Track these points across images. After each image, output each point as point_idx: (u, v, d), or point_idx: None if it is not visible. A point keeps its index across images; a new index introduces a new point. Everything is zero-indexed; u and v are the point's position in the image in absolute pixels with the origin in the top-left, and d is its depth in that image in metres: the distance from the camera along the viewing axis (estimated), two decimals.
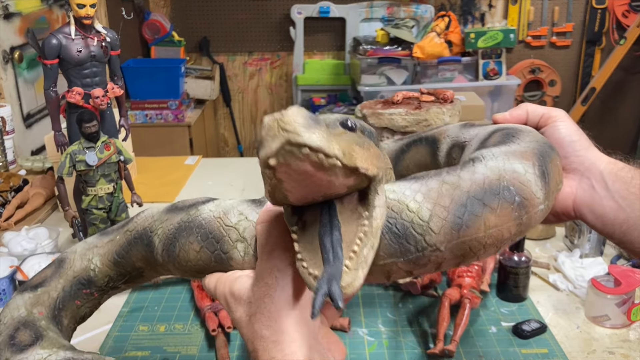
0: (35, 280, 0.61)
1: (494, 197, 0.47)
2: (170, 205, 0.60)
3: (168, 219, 0.58)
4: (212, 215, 0.55)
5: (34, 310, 0.57)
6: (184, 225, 0.56)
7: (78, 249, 0.63)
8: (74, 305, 0.61)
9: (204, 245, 0.54)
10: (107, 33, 1.18)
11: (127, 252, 0.60)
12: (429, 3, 3.26)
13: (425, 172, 0.51)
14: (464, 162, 0.51)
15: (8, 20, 1.91)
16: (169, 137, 2.89)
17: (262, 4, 3.36)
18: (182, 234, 0.55)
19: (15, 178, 1.51)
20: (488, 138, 0.57)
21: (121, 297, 1.07)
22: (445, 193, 0.47)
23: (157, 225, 0.58)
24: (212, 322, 0.92)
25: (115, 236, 0.62)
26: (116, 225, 0.64)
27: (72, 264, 0.62)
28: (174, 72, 2.96)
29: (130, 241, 0.60)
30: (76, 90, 1.15)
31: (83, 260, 0.62)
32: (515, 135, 0.54)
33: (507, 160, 0.49)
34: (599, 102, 3.28)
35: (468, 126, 0.65)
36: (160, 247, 0.57)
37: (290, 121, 0.36)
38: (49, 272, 0.62)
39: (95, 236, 0.64)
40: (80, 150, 1.06)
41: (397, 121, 1.21)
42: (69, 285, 0.61)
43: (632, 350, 0.93)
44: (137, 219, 0.61)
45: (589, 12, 3.32)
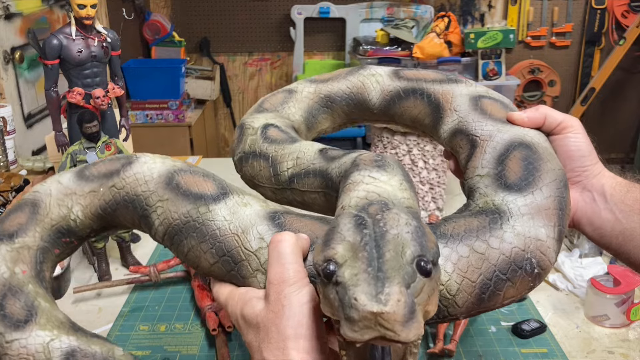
0: (9, 227, 0.55)
1: (516, 272, 0.48)
2: (167, 174, 0.55)
3: (170, 201, 0.54)
4: (228, 227, 0.51)
5: (16, 268, 0.53)
6: (192, 225, 0.52)
7: (52, 190, 0.57)
8: (53, 254, 0.58)
9: (219, 260, 0.51)
10: (107, 33, 1.19)
11: (114, 211, 0.57)
12: (429, 3, 3.26)
13: (453, 226, 0.50)
14: (489, 215, 0.50)
15: (9, 20, 1.91)
16: (170, 137, 2.89)
17: (262, 4, 3.37)
18: (192, 235, 0.52)
19: (16, 178, 1.51)
20: (506, 159, 0.55)
21: (121, 297, 1.07)
22: (474, 264, 0.47)
23: (154, 200, 0.54)
24: (212, 322, 0.93)
25: (99, 188, 0.57)
26: (95, 169, 0.58)
27: (48, 210, 0.56)
28: (174, 73, 2.96)
29: (119, 201, 0.56)
30: (77, 90, 1.15)
31: (61, 207, 0.57)
32: (537, 170, 0.53)
33: (533, 224, 0.50)
34: (598, 102, 3.28)
35: (479, 109, 0.61)
36: (162, 231, 0.54)
37: (391, 320, 0.36)
38: (23, 217, 0.56)
39: (70, 177, 0.58)
40: (81, 150, 1.07)
41: None
42: (47, 235, 0.56)
43: (632, 350, 0.94)
44: (124, 174, 0.56)
45: (589, 12, 3.33)
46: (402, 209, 0.43)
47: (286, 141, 0.62)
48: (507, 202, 0.51)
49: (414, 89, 0.68)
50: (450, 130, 0.63)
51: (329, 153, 0.58)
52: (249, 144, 0.65)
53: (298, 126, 0.70)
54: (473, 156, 0.58)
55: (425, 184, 1.23)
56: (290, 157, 0.60)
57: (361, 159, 0.51)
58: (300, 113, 0.71)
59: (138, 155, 0.58)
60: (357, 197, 0.46)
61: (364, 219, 0.42)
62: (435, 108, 0.66)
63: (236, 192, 0.55)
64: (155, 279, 1.06)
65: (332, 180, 0.56)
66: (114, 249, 1.19)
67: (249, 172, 0.64)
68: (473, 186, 0.56)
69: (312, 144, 0.61)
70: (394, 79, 0.70)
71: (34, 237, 0.55)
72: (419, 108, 0.68)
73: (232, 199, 0.53)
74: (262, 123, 0.66)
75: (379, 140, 1.26)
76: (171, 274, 1.09)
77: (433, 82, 0.67)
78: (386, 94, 0.70)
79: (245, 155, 0.65)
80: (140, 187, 0.55)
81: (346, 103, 0.72)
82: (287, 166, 0.60)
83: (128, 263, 1.16)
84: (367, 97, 0.71)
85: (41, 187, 0.58)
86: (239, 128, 0.69)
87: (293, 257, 0.46)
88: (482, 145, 0.58)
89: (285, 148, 0.61)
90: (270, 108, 0.70)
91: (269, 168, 0.62)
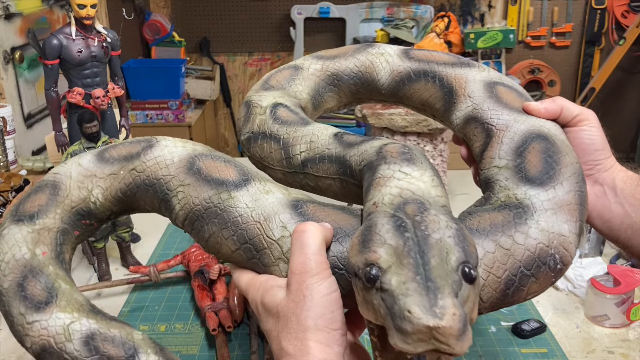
0: (29, 208, 0.56)
1: (540, 268, 0.48)
2: (188, 158, 0.55)
3: (191, 186, 0.53)
4: (250, 215, 0.51)
5: (36, 250, 0.53)
6: (214, 211, 0.52)
7: (73, 172, 0.57)
8: (73, 236, 0.57)
9: (240, 248, 0.51)
10: (107, 33, 1.19)
11: (134, 194, 0.56)
12: (429, 3, 3.26)
13: (478, 220, 0.49)
14: (513, 209, 0.50)
15: (9, 20, 1.91)
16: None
17: (262, 5, 3.37)
18: (213, 221, 0.52)
19: (16, 178, 1.51)
20: (525, 151, 0.54)
21: (122, 297, 1.07)
22: (500, 260, 0.47)
23: (174, 184, 0.54)
24: (212, 322, 0.93)
25: (119, 171, 0.56)
26: (115, 151, 0.58)
27: (68, 192, 0.56)
28: (174, 73, 2.96)
29: (139, 185, 0.56)
30: (77, 90, 1.15)
31: (81, 189, 0.56)
32: (557, 163, 0.53)
33: (556, 219, 0.50)
34: (598, 102, 3.28)
35: (494, 97, 0.60)
36: (182, 216, 0.54)
37: (447, 334, 0.35)
38: (44, 198, 0.56)
39: (90, 159, 0.58)
40: (81, 150, 1.07)
41: (397, 121, 1.21)
42: (67, 216, 0.56)
43: (632, 350, 0.94)
44: (145, 157, 0.56)
45: (589, 12, 3.33)
46: (439, 210, 0.43)
47: (297, 123, 0.61)
48: (530, 196, 0.51)
49: (425, 71, 0.66)
50: (464, 117, 0.61)
51: (344, 138, 0.57)
52: (258, 123, 0.63)
53: (305, 105, 0.68)
54: (489, 146, 0.57)
55: None
56: (303, 140, 0.59)
57: (387, 151, 0.50)
58: (307, 91, 0.69)
59: (158, 139, 0.59)
60: (391, 194, 0.45)
61: (403, 221, 0.41)
62: (448, 92, 0.64)
63: (258, 179, 0.54)
64: (155, 279, 1.06)
65: (350, 168, 0.54)
66: (114, 249, 1.19)
67: (258, 153, 0.63)
68: (491, 177, 0.55)
69: (326, 127, 0.60)
70: (404, 59, 0.68)
71: (54, 219, 0.55)
72: (430, 91, 0.66)
73: (254, 185, 0.53)
74: (271, 102, 0.64)
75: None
76: (171, 274, 1.09)
77: (445, 64, 0.65)
78: (396, 75, 0.68)
79: (254, 136, 0.63)
80: (161, 170, 0.55)
81: (353, 82, 0.70)
82: (300, 149, 0.59)
83: (128, 263, 1.16)
84: (376, 77, 0.69)
85: (61, 169, 0.58)
86: (245, 106, 0.66)
87: (316, 248, 0.46)
88: (498, 135, 0.57)
89: (298, 130, 0.60)
90: (276, 85, 0.68)
91: (280, 150, 0.60)
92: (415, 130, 1.20)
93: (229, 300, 0.97)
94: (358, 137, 0.57)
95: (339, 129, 0.60)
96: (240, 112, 0.67)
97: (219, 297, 0.98)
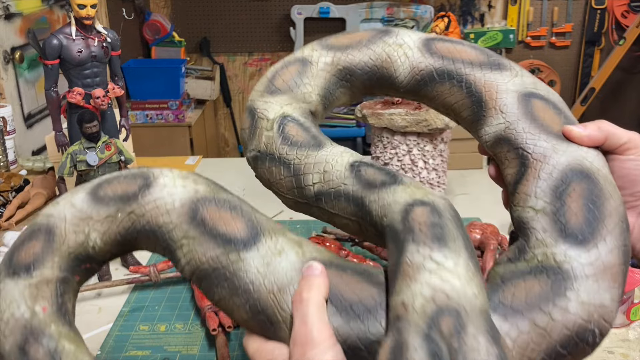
0: (24, 258, 0.51)
1: (577, 345, 0.45)
2: (190, 205, 0.51)
3: (196, 240, 0.49)
4: (263, 283, 0.47)
5: (36, 307, 0.49)
6: (222, 273, 0.48)
7: (67, 215, 0.53)
8: (74, 282, 0.54)
9: (252, 317, 0.47)
10: (107, 33, 1.19)
11: (135, 239, 0.53)
12: (429, 3, 3.27)
13: (512, 289, 0.46)
14: (551, 276, 0.46)
15: (9, 20, 1.91)
16: (170, 137, 2.89)
17: (262, 5, 3.37)
18: (222, 285, 0.48)
19: (16, 178, 1.51)
20: (565, 193, 0.49)
21: (122, 297, 1.07)
22: (535, 341, 0.44)
23: (178, 235, 0.50)
24: (212, 322, 0.93)
25: (116, 213, 0.52)
26: (109, 188, 0.53)
27: (64, 238, 0.52)
28: (174, 73, 2.96)
29: (139, 230, 0.52)
30: (77, 90, 1.15)
31: (78, 234, 0.52)
32: (600, 212, 0.48)
33: (598, 287, 0.46)
34: (598, 102, 3.28)
35: (530, 115, 0.54)
36: (188, 271, 0.50)
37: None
38: (38, 246, 0.52)
39: (84, 198, 0.53)
40: (81, 151, 1.07)
41: (397, 121, 1.21)
42: (66, 263, 0.52)
43: (632, 350, 0.94)
44: (143, 200, 0.52)
45: (588, 12, 3.33)
46: (478, 324, 0.40)
47: (309, 145, 0.55)
48: (570, 258, 0.46)
49: (451, 72, 0.58)
50: (495, 136, 0.55)
51: (362, 173, 0.52)
52: (265, 141, 0.57)
53: (315, 108, 0.62)
54: (524, 179, 0.51)
55: (425, 184, 1.23)
56: (316, 169, 0.54)
57: (415, 221, 0.45)
58: (317, 91, 0.62)
59: (155, 174, 0.54)
60: (423, 297, 0.41)
61: (438, 346, 0.38)
62: (477, 102, 0.57)
63: (268, 233, 0.50)
64: (155, 279, 1.06)
65: (370, 216, 0.50)
66: None
67: (266, 176, 0.58)
68: (527, 222, 0.50)
69: (341, 152, 0.55)
70: (426, 53, 0.60)
71: (52, 268, 0.51)
72: (455, 97, 0.59)
73: (265, 244, 0.49)
74: (278, 113, 0.58)
75: (379, 140, 1.26)
76: (171, 274, 1.09)
77: (472, 65, 0.58)
78: (416, 73, 0.60)
79: (261, 156, 0.57)
80: (162, 217, 0.51)
81: (368, 77, 0.62)
82: (313, 180, 0.54)
83: (128, 263, 1.16)
84: (393, 74, 0.61)
85: (54, 210, 0.54)
86: (249, 115, 0.60)
87: (317, 316, 0.44)
88: (534, 166, 0.51)
89: (309, 156, 0.54)
90: (283, 87, 0.61)
91: (291, 179, 0.55)
92: (415, 130, 1.20)
93: None
94: (377, 171, 0.51)
95: (355, 156, 0.54)
96: (244, 122, 0.62)
97: None
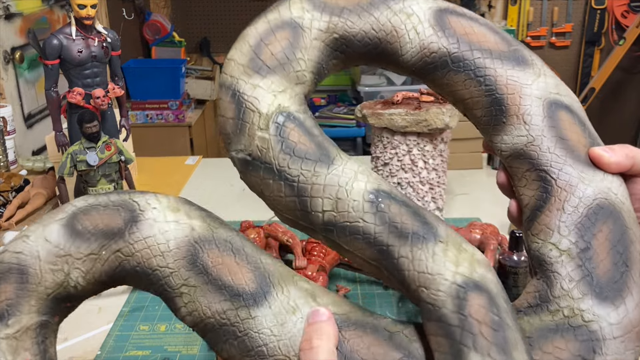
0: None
1: None
2: (188, 247, 0.45)
3: (198, 289, 0.44)
4: (278, 346, 0.43)
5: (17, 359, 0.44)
6: (231, 331, 0.44)
7: (40, 252, 0.46)
8: (54, 323, 0.48)
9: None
10: (107, 33, 1.19)
11: (124, 278, 0.47)
12: None
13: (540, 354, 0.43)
14: (579, 338, 0.43)
15: (9, 20, 1.91)
16: (170, 138, 2.89)
17: (262, 5, 3.37)
18: (231, 343, 0.44)
19: (16, 178, 1.51)
20: (591, 235, 0.45)
21: (122, 297, 1.07)
22: None
23: (176, 282, 0.45)
24: None
25: (99, 251, 0.46)
26: (88, 221, 0.47)
27: (40, 278, 0.45)
28: (174, 73, 2.96)
29: (129, 271, 0.46)
30: (77, 90, 1.15)
31: (56, 273, 0.46)
32: (628, 260, 0.45)
33: (624, 348, 0.43)
34: (598, 102, 3.29)
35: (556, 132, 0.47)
36: (190, 322, 0.46)
37: None
38: (10, 290, 0.45)
39: (60, 232, 0.46)
40: (81, 151, 1.07)
41: (397, 121, 1.21)
42: (44, 306, 0.46)
43: None
44: (131, 238, 0.46)
45: (588, 12, 3.33)
46: None
47: (316, 159, 0.46)
48: (599, 318, 0.43)
49: (468, 62, 0.49)
50: (515, 149, 0.49)
51: (385, 210, 0.44)
52: (259, 144, 0.47)
53: (307, 90, 0.51)
54: (546, 209, 0.46)
55: (425, 184, 1.23)
56: (327, 194, 0.45)
57: (474, 319, 0.40)
58: (311, 68, 0.51)
59: (142, 205, 0.47)
60: None
61: None
62: (496, 104, 0.49)
63: (278, 284, 0.45)
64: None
65: (399, 273, 0.44)
66: None
67: (260, 187, 0.48)
68: (549, 263, 0.46)
69: (355, 174, 0.46)
70: (439, 32, 0.50)
71: (29, 314, 0.45)
72: (471, 92, 0.50)
73: (277, 299, 0.44)
74: (273, 107, 0.47)
75: (379, 140, 1.26)
76: None
77: (493, 56, 0.49)
78: (426, 54, 0.50)
79: (253, 163, 0.47)
80: (155, 259, 0.45)
81: (367, 50, 0.52)
82: (323, 207, 0.45)
83: None
84: (399, 51, 0.51)
85: (24, 247, 0.46)
86: (234, 101, 0.49)
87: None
88: (559, 196, 0.46)
89: (318, 175, 0.45)
90: (272, 63, 0.50)
91: (294, 199, 0.46)
92: (415, 130, 1.20)
93: None
94: (403, 210, 0.44)
95: (371, 180, 0.46)
96: (225, 107, 0.50)
97: None
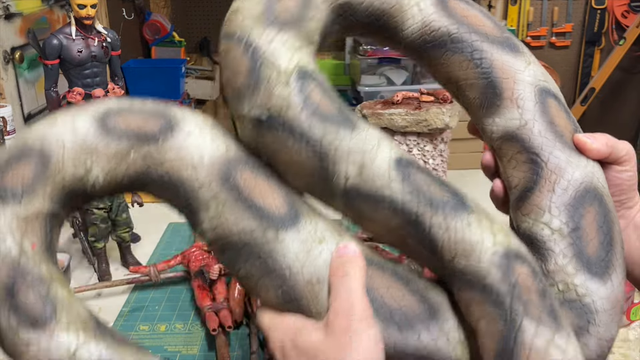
0: (12, 183, 0.43)
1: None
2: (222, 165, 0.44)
3: (227, 206, 0.43)
4: (301, 271, 0.43)
5: (24, 242, 0.42)
6: (255, 252, 0.43)
7: (66, 141, 0.44)
8: (62, 217, 0.47)
9: (282, 302, 0.44)
10: (107, 33, 1.19)
11: (146, 185, 0.46)
12: None
13: None
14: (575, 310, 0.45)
15: (9, 20, 1.91)
16: None
17: None
18: (253, 263, 0.43)
19: None
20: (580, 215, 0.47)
21: (122, 297, 1.07)
22: None
23: (205, 196, 0.44)
24: (212, 322, 0.93)
25: (128, 150, 0.44)
26: (122, 120, 0.45)
27: (61, 167, 0.44)
28: (174, 73, 2.96)
29: (154, 178, 0.45)
30: (77, 90, 1.15)
31: (78, 166, 0.44)
32: (612, 240, 0.47)
33: (611, 321, 0.45)
34: (598, 102, 3.28)
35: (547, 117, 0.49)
36: (211, 238, 0.45)
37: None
38: (29, 172, 0.43)
39: (90, 126, 0.45)
40: None
41: (397, 121, 1.21)
42: (58, 196, 0.44)
43: (632, 350, 0.94)
44: (164, 146, 0.45)
45: (589, 12, 3.33)
46: None
47: (339, 121, 0.44)
48: (591, 292, 0.45)
49: (466, 43, 0.50)
50: (506, 131, 0.50)
51: (412, 177, 0.44)
52: (277, 102, 0.43)
53: (314, 51, 0.50)
54: (537, 190, 0.48)
55: None
56: (352, 160, 0.43)
57: (523, 287, 0.41)
58: (319, 31, 0.49)
59: (178, 117, 0.46)
60: None
61: None
62: (490, 87, 0.50)
63: (307, 215, 0.45)
64: (155, 279, 1.06)
65: (431, 242, 0.44)
66: (114, 249, 1.19)
67: (273, 149, 0.45)
68: (542, 241, 0.47)
69: (379, 139, 0.45)
70: (441, 11, 0.51)
71: (42, 200, 0.43)
72: (467, 73, 0.51)
73: (305, 227, 0.44)
74: (293, 63, 0.44)
75: None
76: (171, 274, 1.09)
77: (489, 41, 0.50)
78: (427, 32, 0.51)
79: (270, 122, 0.44)
80: (185, 171, 0.44)
81: (369, 21, 0.52)
82: (347, 173, 0.43)
83: (128, 263, 1.16)
84: (400, 26, 0.51)
85: (51, 132, 0.44)
86: (247, 54, 0.46)
87: (361, 293, 0.43)
88: (549, 178, 0.48)
89: (341, 137, 0.43)
90: (287, 18, 0.47)
91: (315, 164, 0.44)
92: (415, 130, 1.20)
93: (229, 300, 0.97)
94: (431, 180, 0.44)
95: (395, 149, 0.45)
96: (234, 61, 0.47)
97: (219, 297, 0.98)
